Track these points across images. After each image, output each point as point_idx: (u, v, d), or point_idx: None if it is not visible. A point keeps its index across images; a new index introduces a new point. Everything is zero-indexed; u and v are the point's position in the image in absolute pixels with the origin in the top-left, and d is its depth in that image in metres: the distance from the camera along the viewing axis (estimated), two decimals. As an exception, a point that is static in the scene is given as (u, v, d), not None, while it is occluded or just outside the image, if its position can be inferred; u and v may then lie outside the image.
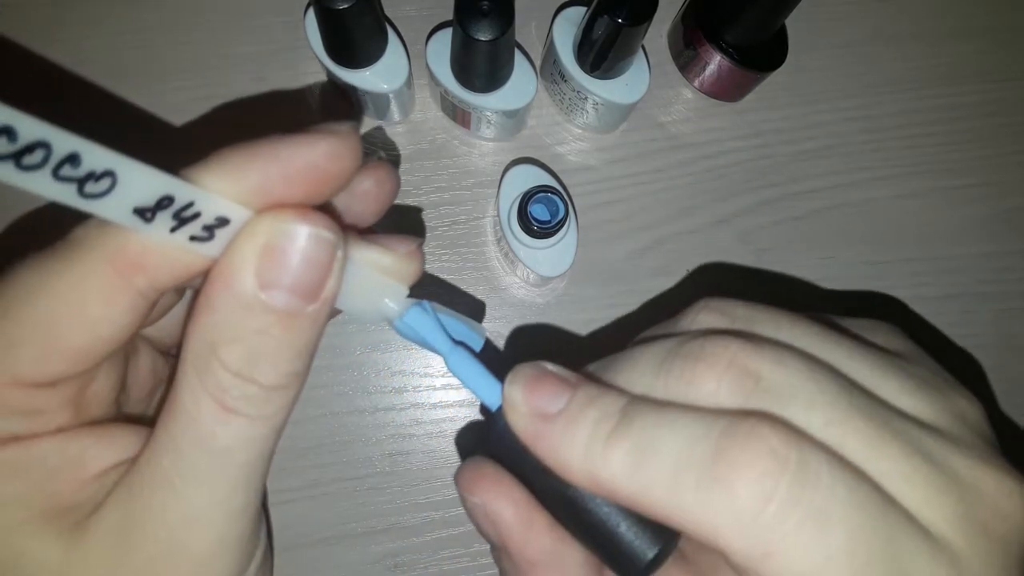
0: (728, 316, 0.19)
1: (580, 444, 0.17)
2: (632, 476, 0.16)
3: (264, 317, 0.16)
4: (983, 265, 0.43)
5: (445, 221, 0.41)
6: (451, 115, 0.41)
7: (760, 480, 0.15)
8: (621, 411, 0.17)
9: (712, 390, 0.17)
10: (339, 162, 0.17)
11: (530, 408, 0.18)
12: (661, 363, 0.18)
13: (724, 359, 0.17)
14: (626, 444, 0.16)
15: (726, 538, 0.15)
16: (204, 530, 0.17)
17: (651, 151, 0.43)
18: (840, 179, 0.43)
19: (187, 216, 0.15)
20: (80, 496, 0.18)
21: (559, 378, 0.18)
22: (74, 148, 0.13)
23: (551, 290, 0.41)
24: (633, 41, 0.35)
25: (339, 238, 0.16)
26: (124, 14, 0.41)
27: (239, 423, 0.16)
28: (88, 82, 0.40)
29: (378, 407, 0.39)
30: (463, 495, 0.20)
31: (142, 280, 0.16)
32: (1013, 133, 0.45)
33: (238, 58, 0.41)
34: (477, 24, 0.32)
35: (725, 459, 0.15)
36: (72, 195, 0.14)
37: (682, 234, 0.42)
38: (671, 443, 0.16)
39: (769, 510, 0.15)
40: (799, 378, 0.17)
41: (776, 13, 0.38)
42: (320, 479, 0.38)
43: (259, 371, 0.16)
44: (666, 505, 0.16)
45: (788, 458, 0.15)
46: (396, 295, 0.19)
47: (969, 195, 0.44)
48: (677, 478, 0.16)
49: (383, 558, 0.38)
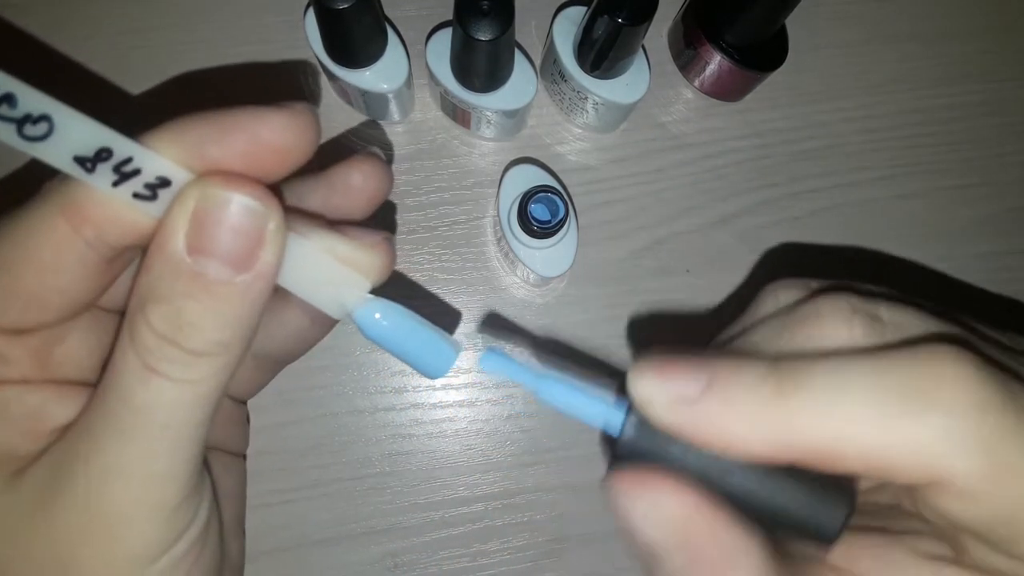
0: (807, 287, 0.19)
1: (750, 409, 0.15)
2: (827, 422, 0.15)
3: (191, 281, 0.16)
4: (983, 265, 0.43)
5: (445, 221, 0.41)
6: (451, 115, 0.41)
7: (973, 390, 0.14)
8: (775, 368, 0.16)
9: (847, 337, 0.16)
10: (286, 138, 0.17)
11: (671, 397, 0.16)
12: (780, 337, 0.17)
13: (847, 307, 0.17)
14: (806, 391, 0.15)
15: (950, 459, 0.14)
16: (122, 488, 0.17)
17: (651, 151, 0.43)
18: (840, 179, 0.43)
19: (127, 171, 0.16)
20: (33, 447, 0.18)
21: (687, 360, 0.16)
22: (9, 89, 0.14)
23: (551, 290, 0.41)
24: (633, 41, 0.35)
25: (271, 210, 0.16)
26: (125, 14, 0.41)
27: (159, 384, 0.16)
28: (89, 82, 0.40)
29: (378, 407, 0.39)
30: (622, 501, 0.17)
31: (90, 232, 0.17)
32: (1013, 133, 0.45)
33: (238, 57, 0.41)
34: (477, 24, 0.32)
35: (927, 378, 0.14)
36: (12, 134, 0.15)
37: (682, 234, 0.42)
38: (858, 378, 0.15)
39: (989, 420, 0.14)
40: (918, 316, 0.17)
41: (776, 13, 0.38)
42: (320, 479, 0.38)
43: (183, 335, 0.16)
44: (875, 443, 0.15)
45: (986, 367, 0.15)
46: (357, 288, 0.18)
47: (969, 195, 0.44)
48: (880, 412, 0.14)
49: (383, 558, 0.38)
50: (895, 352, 0.15)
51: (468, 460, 0.39)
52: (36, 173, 0.16)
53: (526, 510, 0.39)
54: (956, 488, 0.14)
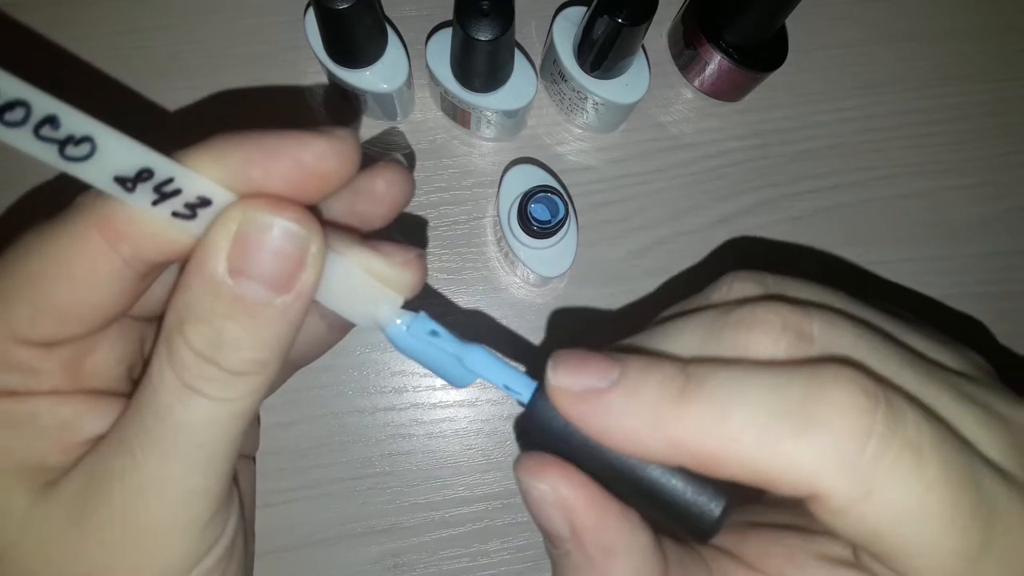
0: (762, 284, 0.19)
1: (647, 408, 0.16)
2: (715, 431, 0.15)
3: (231, 303, 0.16)
4: (983, 265, 0.43)
5: (445, 221, 0.41)
6: (451, 115, 0.41)
7: (859, 417, 0.15)
8: (683, 371, 0.16)
9: (770, 354, 0.17)
10: (328, 164, 0.17)
11: (580, 387, 0.17)
12: (708, 333, 0.17)
13: (777, 323, 0.17)
14: (703, 398, 0.16)
15: (826, 480, 0.15)
16: (157, 504, 0.17)
17: (651, 151, 0.43)
18: (840, 179, 0.43)
19: (168, 192, 0.16)
20: (65, 459, 0.18)
21: (604, 355, 0.17)
22: (53, 110, 0.14)
23: (551, 290, 0.41)
24: (633, 41, 0.35)
25: (313, 234, 0.16)
26: (126, 14, 0.41)
27: (198, 402, 0.16)
28: (89, 82, 0.40)
29: (378, 407, 0.39)
30: (527, 483, 0.19)
31: (126, 249, 0.17)
32: (1013, 133, 0.45)
33: (238, 58, 0.41)
34: (477, 24, 0.32)
35: (817, 401, 0.15)
36: (54, 155, 0.14)
37: (682, 234, 0.42)
38: (754, 392, 0.15)
39: (869, 446, 0.15)
40: (850, 335, 0.17)
41: (776, 13, 0.38)
42: (320, 479, 0.38)
43: (221, 355, 0.16)
44: (756, 456, 0.15)
45: (878, 395, 0.15)
46: (390, 304, 0.19)
47: (969, 195, 0.44)
48: (768, 426, 0.15)
49: (383, 558, 0.38)
50: (797, 370, 0.16)
51: (468, 460, 0.39)
52: (69, 185, 0.16)
53: (526, 510, 0.39)
54: (829, 505, 0.15)
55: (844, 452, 0.15)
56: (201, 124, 0.40)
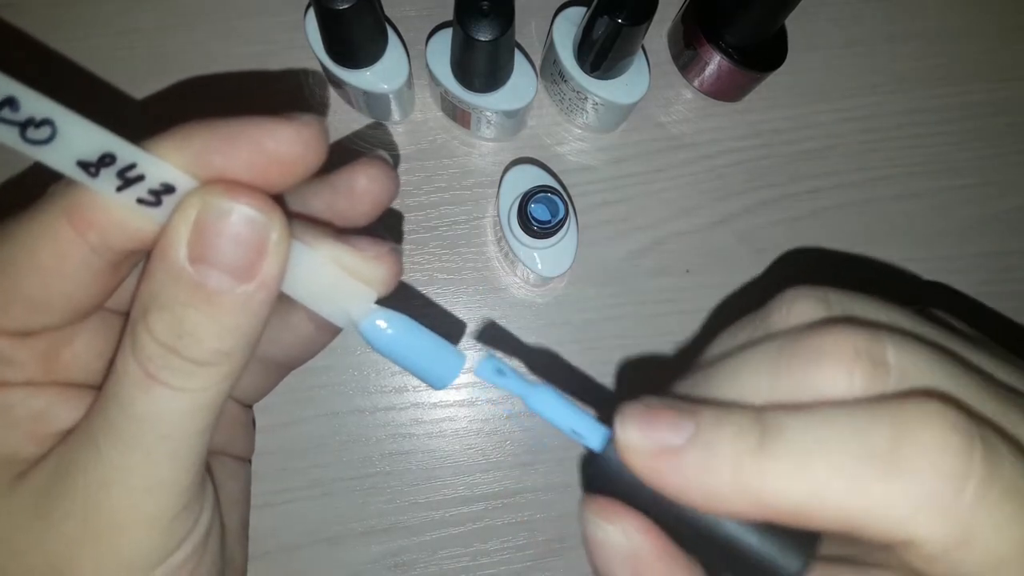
0: (824, 303, 0.18)
1: (727, 465, 0.15)
2: (801, 483, 0.15)
3: (192, 291, 0.16)
4: (983, 265, 0.43)
5: (445, 221, 0.41)
6: (451, 115, 0.41)
7: (955, 459, 0.14)
8: (759, 421, 0.16)
9: (846, 386, 0.16)
10: (291, 150, 0.17)
11: (652, 445, 0.16)
12: (776, 368, 0.17)
13: (849, 351, 0.16)
14: (784, 449, 0.15)
15: (922, 527, 0.14)
16: (120, 496, 0.17)
17: (651, 151, 0.43)
18: (840, 179, 0.43)
19: (131, 177, 0.16)
20: (37, 450, 0.18)
21: (673, 407, 0.16)
22: (11, 92, 0.14)
23: (551, 290, 0.41)
24: (633, 41, 0.35)
25: (274, 221, 0.16)
26: (124, 14, 0.41)
27: (160, 392, 0.16)
28: (88, 82, 0.40)
29: (378, 407, 0.39)
30: (596, 524, 0.18)
31: (94, 237, 0.17)
32: (1014, 133, 0.45)
33: (238, 58, 0.41)
34: (477, 24, 0.32)
35: (908, 442, 0.14)
36: (15, 137, 0.15)
37: (682, 234, 0.42)
38: (837, 438, 0.15)
39: (968, 490, 0.14)
40: (925, 360, 0.16)
41: (776, 13, 0.38)
42: (320, 479, 0.38)
43: (183, 343, 0.16)
44: (846, 505, 0.15)
45: (972, 433, 0.14)
46: (363, 299, 0.18)
47: (969, 195, 0.44)
48: (856, 473, 0.14)
49: (383, 558, 0.38)
50: (880, 407, 0.15)
51: (468, 460, 0.39)
52: (41, 177, 0.16)
53: (526, 510, 0.39)
54: (924, 552, 0.14)
55: (941, 497, 0.14)
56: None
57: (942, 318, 0.20)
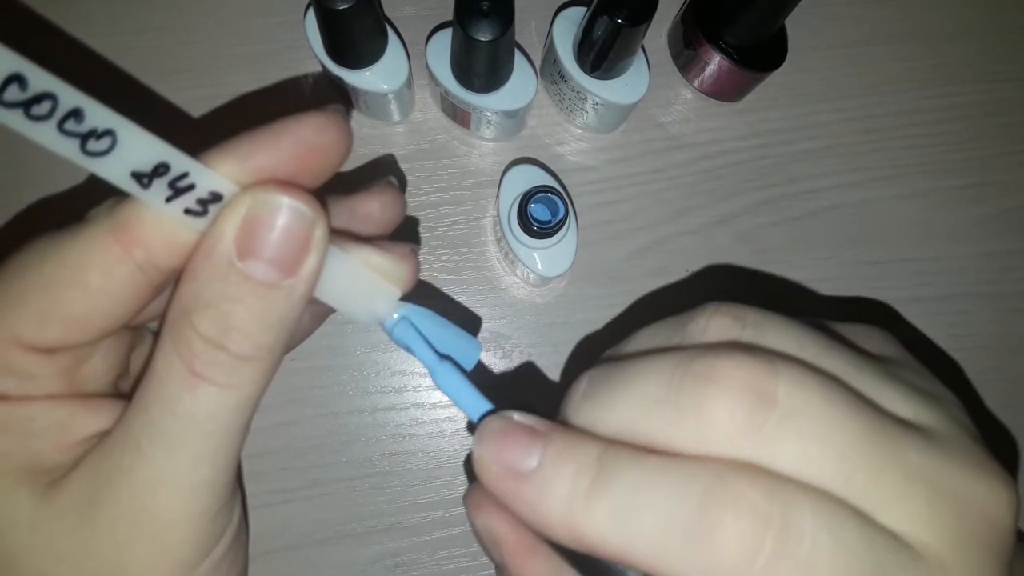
0: (740, 322, 0.18)
1: (559, 502, 0.16)
2: (615, 533, 0.16)
3: (240, 286, 0.16)
4: (983, 265, 0.43)
5: (445, 221, 0.41)
6: (451, 115, 0.41)
7: (745, 539, 0.15)
8: (598, 462, 0.16)
9: (726, 416, 0.16)
10: (328, 136, 0.18)
11: (501, 468, 0.17)
12: (670, 380, 0.17)
13: (738, 382, 0.16)
14: (607, 501, 0.16)
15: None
16: (167, 497, 0.17)
17: (651, 151, 0.43)
18: (840, 179, 0.43)
19: (182, 187, 0.16)
20: (62, 459, 0.18)
21: (528, 430, 0.17)
22: (79, 103, 0.14)
23: (551, 290, 0.41)
24: (633, 41, 0.35)
25: (318, 214, 0.17)
26: (124, 14, 0.41)
27: (206, 389, 0.17)
28: (89, 82, 0.40)
29: (378, 407, 0.39)
30: (469, 516, 0.20)
31: (140, 254, 0.17)
32: (1013, 133, 0.45)
33: (238, 58, 0.41)
34: (477, 24, 0.32)
35: (709, 519, 0.15)
36: (75, 150, 0.14)
37: (682, 234, 0.42)
38: (653, 500, 0.15)
39: (756, 567, 0.15)
40: (814, 404, 0.16)
41: (776, 13, 0.38)
42: (320, 479, 0.38)
43: (230, 339, 0.16)
44: (651, 563, 0.15)
45: (771, 515, 0.15)
46: (387, 297, 0.19)
47: (969, 195, 0.44)
48: (661, 536, 0.15)
49: (383, 558, 0.38)
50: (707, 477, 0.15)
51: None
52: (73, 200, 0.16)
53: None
54: None
55: (729, 572, 0.15)
56: (200, 125, 0.40)
57: (877, 340, 0.20)
